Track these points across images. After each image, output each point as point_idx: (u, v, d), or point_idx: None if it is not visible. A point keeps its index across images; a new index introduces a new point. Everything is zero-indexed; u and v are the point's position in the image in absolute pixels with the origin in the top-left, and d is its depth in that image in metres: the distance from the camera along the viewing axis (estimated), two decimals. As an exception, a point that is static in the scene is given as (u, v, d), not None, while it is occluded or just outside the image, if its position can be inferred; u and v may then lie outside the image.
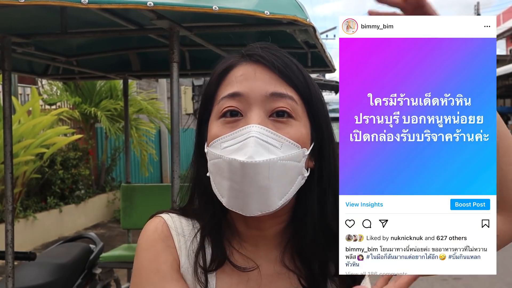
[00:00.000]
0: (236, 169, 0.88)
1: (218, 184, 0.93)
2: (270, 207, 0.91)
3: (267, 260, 1.01)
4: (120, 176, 10.67)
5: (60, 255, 3.44)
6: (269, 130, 0.91)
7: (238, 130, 0.91)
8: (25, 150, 6.73)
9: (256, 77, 0.95)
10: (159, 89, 13.25)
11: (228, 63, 1.00)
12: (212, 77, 1.02)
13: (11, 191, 2.56)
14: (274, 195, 0.91)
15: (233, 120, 0.94)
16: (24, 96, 8.80)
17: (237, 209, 0.92)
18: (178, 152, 2.35)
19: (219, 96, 0.97)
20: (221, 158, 0.91)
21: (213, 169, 0.94)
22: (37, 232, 7.32)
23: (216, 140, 0.93)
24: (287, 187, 0.93)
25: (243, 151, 0.88)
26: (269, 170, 0.88)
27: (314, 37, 2.48)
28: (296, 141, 0.93)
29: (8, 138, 2.58)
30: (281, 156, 0.90)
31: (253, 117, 0.92)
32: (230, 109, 0.94)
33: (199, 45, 3.14)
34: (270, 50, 0.99)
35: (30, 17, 2.60)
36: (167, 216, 1.03)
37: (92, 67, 3.91)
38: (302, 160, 0.94)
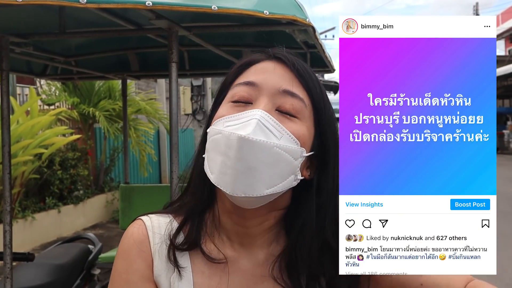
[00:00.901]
0: (232, 143, 0.89)
1: (211, 161, 0.94)
2: (255, 191, 0.91)
3: (251, 259, 1.01)
4: (119, 176, 10.66)
5: (59, 255, 3.43)
6: (272, 118, 0.93)
7: (244, 112, 0.94)
8: (23, 151, 6.72)
9: (274, 72, 0.98)
10: (158, 89, 13.24)
11: (251, 58, 1.03)
12: (233, 68, 1.05)
13: (9, 192, 2.55)
14: (262, 180, 0.90)
15: (242, 105, 0.97)
16: (22, 96, 8.79)
17: (223, 186, 0.91)
18: (177, 152, 2.35)
19: (234, 83, 1.01)
20: (221, 133, 0.92)
21: (210, 146, 0.95)
22: (35, 233, 7.31)
23: (220, 119, 0.96)
24: (277, 179, 0.92)
25: (244, 129, 0.90)
26: (263, 153, 0.89)
27: (313, 37, 2.48)
28: (297, 138, 0.94)
29: (6, 138, 2.57)
30: (278, 143, 0.91)
31: (260, 105, 0.95)
32: (241, 95, 0.97)
33: (198, 45, 3.13)
34: (294, 57, 1.02)
35: (28, 17, 2.60)
36: (146, 217, 1.05)
37: (91, 67, 3.90)
38: (298, 159, 0.94)
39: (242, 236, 1.01)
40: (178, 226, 1.02)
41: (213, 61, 3.80)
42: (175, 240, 1.01)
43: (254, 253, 1.02)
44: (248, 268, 1.01)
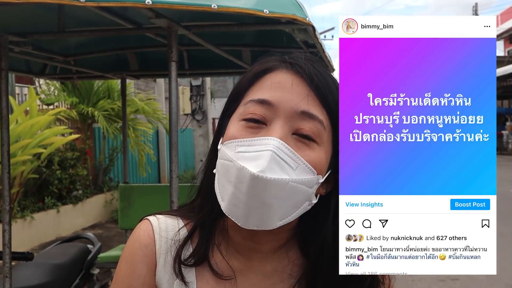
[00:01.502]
0: (244, 179, 0.84)
1: (222, 187, 0.90)
2: (268, 225, 0.88)
3: (260, 274, 0.99)
4: (118, 176, 10.65)
5: (58, 255, 3.43)
6: (289, 148, 0.87)
7: (257, 139, 0.88)
8: (22, 150, 6.71)
9: (291, 89, 0.91)
10: (157, 89, 13.24)
11: (267, 65, 0.96)
12: (247, 74, 0.98)
13: (8, 191, 2.55)
14: (276, 214, 0.88)
15: (256, 126, 0.90)
16: (21, 96, 8.78)
17: (234, 218, 0.88)
18: (177, 152, 2.35)
19: (248, 96, 0.94)
20: (232, 162, 0.87)
21: (221, 169, 0.91)
22: (34, 232, 7.31)
23: (232, 141, 0.90)
24: (291, 210, 0.89)
25: (257, 163, 0.84)
26: (277, 189, 0.85)
27: (313, 36, 2.47)
28: (314, 167, 0.89)
29: (5, 137, 2.57)
30: (293, 179, 0.86)
31: (276, 130, 0.88)
32: (255, 116, 0.91)
33: (198, 45, 3.13)
34: (313, 64, 0.95)
35: (27, 16, 2.59)
36: (153, 218, 1.02)
37: (90, 66, 3.90)
38: (314, 187, 0.91)
39: (252, 251, 0.98)
40: (186, 237, 0.99)
41: (213, 61, 3.80)
42: (181, 251, 0.97)
43: (262, 266, 0.99)
44: (256, 281, 0.98)
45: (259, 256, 0.98)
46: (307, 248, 0.98)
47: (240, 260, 0.98)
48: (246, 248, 0.98)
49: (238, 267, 0.98)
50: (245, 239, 0.96)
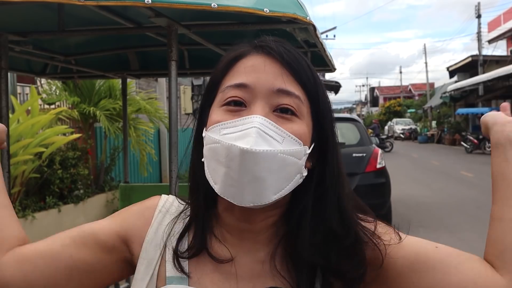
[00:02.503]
0: (235, 156, 0.87)
1: (213, 170, 0.92)
2: (264, 199, 0.90)
3: (252, 255, 1.00)
4: (119, 176, 10.65)
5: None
6: (272, 123, 0.90)
7: (241, 119, 0.91)
8: (24, 150, 6.71)
9: (265, 70, 0.94)
10: (159, 88, 13.24)
11: (238, 52, 0.99)
12: (221, 63, 1.00)
13: (8, 191, 2.54)
14: (269, 188, 0.90)
15: (236, 109, 0.93)
16: (23, 96, 8.78)
17: (230, 197, 0.90)
18: (177, 152, 2.34)
19: (224, 84, 0.97)
20: (219, 143, 0.90)
21: (209, 154, 0.93)
22: (36, 232, 7.30)
23: (216, 125, 0.93)
24: (284, 183, 0.91)
25: (244, 140, 0.87)
26: (268, 162, 0.87)
27: (314, 35, 2.46)
28: (299, 138, 0.92)
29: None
30: (281, 150, 0.89)
31: (257, 109, 0.91)
32: (234, 99, 0.94)
33: (198, 44, 3.12)
34: (282, 44, 0.98)
35: (27, 15, 2.59)
36: (165, 195, 1.11)
37: (91, 66, 3.89)
38: (302, 158, 0.93)
39: (244, 231, 0.99)
40: (182, 230, 1.02)
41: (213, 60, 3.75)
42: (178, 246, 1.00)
43: (254, 250, 1.00)
44: (246, 262, 0.99)
45: (251, 236, 1.00)
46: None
47: (233, 242, 1.00)
48: (239, 230, 0.99)
49: (230, 249, 1.00)
50: (238, 220, 0.98)
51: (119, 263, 1.04)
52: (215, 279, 0.98)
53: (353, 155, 8.17)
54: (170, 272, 0.99)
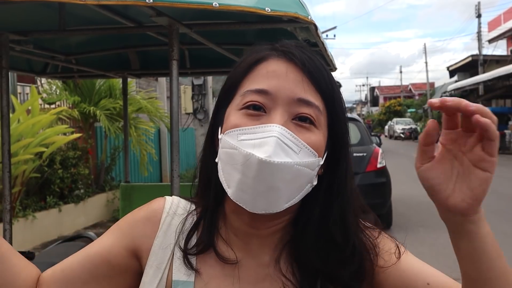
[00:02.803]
0: (252, 165, 0.87)
1: (228, 174, 0.92)
2: (275, 208, 0.91)
3: (257, 259, 1.00)
4: (120, 175, 10.65)
5: (59, 254, 3.41)
6: (291, 133, 0.90)
7: (260, 126, 0.90)
8: (24, 149, 6.71)
9: (287, 77, 0.93)
10: (159, 88, 13.24)
11: (260, 55, 0.98)
12: (241, 64, 1.00)
13: (9, 190, 2.54)
14: (282, 197, 0.90)
15: (256, 114, 0.93)
16: (23, 95, 8.78)
17: (242, 203, 0.91)
18: (178, 151, 2.34)
19: (244, 87, 0.96)
20: (236, 149, 0.90)
21: (225, 158, 0.93)
22: (36, 232, 7.31)
23: (233, 130, 0.92)
24: (296, 192, 0.92)
25: (263, 149, 0.87)
26: (284, 173, 0.88)
27: (315, 35, 2.46)
28: (315, 149, 0.93)
29: (6, 136, 2.56)
30: (297, 162, 0.89)
31: (277, 117, 0.91)
32: (254, 103, 0.93)
33: (199, 44, 3.11)
34: (303, 50, 0.98)
35: (28, 14, 2.58)
36: (169, 197, 1.10)
37: (91, 65, 3.88)
38: (315, 169, 0.94)
39: (250, 235, 1.00)
40: (191, 227, 1.03)
41: (214, 60, 3.78)
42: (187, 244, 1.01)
43: (259, 253, 1.00)
44: (251, 266, 1.00)
45: (257, 241, 1.00)
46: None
47: (239, 245, 1.01)
48: (245, 233, 1.00)
49: (236, 252, 1.00)
50: (244, 224, 0.99)
51: (135, 276, 1.04)
52: (220, 284, 0.99)
53: (353, 155, 8.12)
54: (176, 276, 0.99)
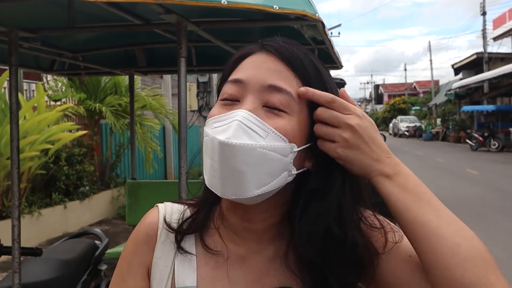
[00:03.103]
0: (215, 147, 0.90)
1: (205, 162, 0.96)
2: (245, 193, 0.90)
3: (258, 254, 1.01)
4: (125, 172, 10.68)
5: (66, 251, 3.44)
6: (256, 118, 0.91)
7: (228, 113, 0.93)
8: (30, 146, 6.74)
9: (261, 66, 0.96)
10: (164, 85, 13.26)
11: (245, 51, 1.02)
12: (229, 62, 1.04)
13: (17, 186, 2.55)
14: (250, 182, 0.89)
15: (230, 103, 0.96)
16: (29, 92, 8.81)
17: (214, 189, 0.93)
18: (185, 148, 2.34)
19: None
20: (207, 136, 0.93)
21: (204, 147, 0.96)
22: (42, 228, 7.34)
23: (210, 119, 0.96)
24: (267, 178, 0.90)
25: (225, 132, 0.89)
26: (246, 155, 0.88)
27: (322, 32, 2.47)
28: (284, 134, 0.91)
29: (15, 133, 2.58)
30: (261, 144, 0.89)
31: (246, 103, 0.94)
32: (229, 93, 0.97)
33: (206, 41, 3.12)
34: (287, 43, 1.00)
35: (37, 12, 2.60)
36: (162, 204, 1.10)
37: (98, 62, 3.90)
38: (289, 156, 0.92)
39: (247, 231, 1.01)
40: (189, 216, 1.05)
41: (221, 57, 3.79)
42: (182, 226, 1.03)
43: (261, 249, 1.01)
44: (253, 263, 1.01)
45: (255, 237, 1.01)
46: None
47: (238, 242, 1.02)
48: (242, 229, 1.01)
49: (236, 249, 1.02)
50: (239, 218, 1.00)
51: None
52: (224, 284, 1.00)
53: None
54: (180, 282, 1.00)
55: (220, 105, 0.98)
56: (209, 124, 0.96)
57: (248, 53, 1.00)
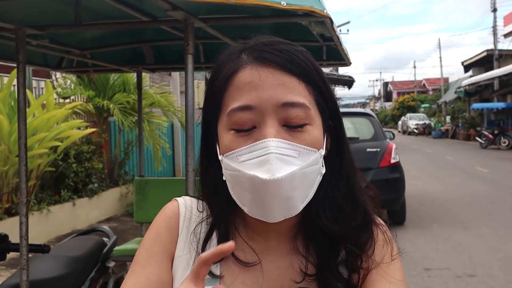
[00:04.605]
0: (259, 185, 0.89)
1: (238, 194, 0.94)
2: (293, 212, 0.93)
3: (278, 253, 1.02)
4: (133, 170, 10.71)
5: (74, 248, 3.44)
6: (286, 142, 0.91)
7: (255, 144, 0.91)
8: (39, 143, 6.77)
9: (264, 85, 0.92)
10: (172, 82, 13.27)
11: (232, 67, 0.96)
12: (217, 78, 0.98)
13: (25, 183, 2.56)
14: (297, 201, 0.92)
15: (247, 133, 0.93)
16: (38, 90, 8.85)
17: (260, 217, 0.93)
18: (193, 145, 2.34)
19: (227, 104, 0.95)
20: (240, 172, 0.91)
21: (231, 179, 0.94)
22: (50, 225, 7.38)
23: (231, 152, 0.93)
24: (308, 190, 0.94)
25: (264, 168, 0.88)
26: (291, 182, 0.90)
27: (330, 29, 2.45)
28: (313, 146, 0.93)
29: (22, 130, 2.58)
30: (301, 166, 0.91)
31: (268, 130, 0.91)
32: (242, 126, 0.93)
33: (213, 38, 3.11)
34: (273, 45, 0.96)
35: (44, 9, 2.60)
36: (181, 199, 1.09)
37: (106, 60, 3.90)
38: (320, 162, 0.95)
39: (269, 231, 1.01)
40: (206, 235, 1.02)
41: (228, 54, 3.78)
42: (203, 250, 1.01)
43: (279, 247, 1.02)
44: (274, 260, 1.01)
45: (276, 236, 1.02)
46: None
47: (259, 241, 1.02)
48: (264, 230, 1.01)
49: (257, 249, 1.02)
50: (263, 222, 0.99)
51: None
52: (246, 279, 1.00)
53: (367, 150, 8.13)
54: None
55: (234, 136, 0.93)
56: (232, 158, 0.92)
57: (238, 68, 0.95)
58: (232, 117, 0.93)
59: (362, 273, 1.00)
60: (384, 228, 1.06)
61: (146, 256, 1.03)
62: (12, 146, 6.46)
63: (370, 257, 1.00)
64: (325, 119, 0.99)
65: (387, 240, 1.04)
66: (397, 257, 1.03)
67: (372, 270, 1.00)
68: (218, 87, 0.98)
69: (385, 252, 1.02)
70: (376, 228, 1.04)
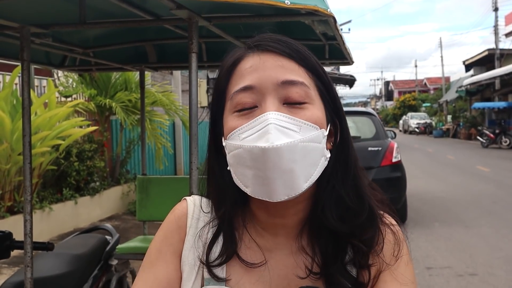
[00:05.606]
0: (258, 156, 0.89)
1: (241, 175, 0.94)
2: (296, 190, 0.92)
3: (286, 250, 1.02)
4: (135, 168, 10.72)
5: (77, 246, 3.45)
6: (286, 115, 0.92)
7: (255, 119, 0.93)
8: (41, 142, 6.78)
9: (265, 67, 0.96)
10: (173, 81, 13.27)
11: (235, 56, 1.01)
12: (221, 72, 1.03)
13: (29, 181, 2.57)
14: (299, 177, 0.91)
15: (249, 112, 0.95)
16: (40, 88, 8.86)
17: (263, 196, 0.92)
18: (197, 144, 2.35)
19: (230, 91, 0.99)
20: (241, 148, 0.92)
21: (234, 161, 0.95)
22: (53, 223, 7.39)
23: (233, 132, 0.95)
24: (311, 169, 0.93)
25: (264, 138, 0.89)
26: (291, 153, 0.89)
27: (334, 28, 2.45)
28: (314, 122, 0.94)
29: (26, 128, 2.59)
30: (300, 139, 0.91)
31: (268, 106, 0.93)
32: (244, 104, 0.96)
33: (216, 37, 3.12)
34: (274, 37, 1.00)
35: (49, 8, 2.61)
36: (191, 198, 1.11)
37: (109, 58, 3.91)
38: (322, 141, 0.95)
39: (278, 227, 1.02)
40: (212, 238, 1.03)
41: (231, 53, 3.78)
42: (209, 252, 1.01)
43: (287, 244, 1.02)
44: (282, 257, 1.02)
45: (285, 232, 1.02)
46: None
47: (267, 238, 1.03)
48: (272, 226, 1.02)
49: (265, 246, 1.02)
50: (272, 216, 1.01)
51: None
52: (252, 279, 1.01)
53: (368, 149, 8.14)
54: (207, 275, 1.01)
55: (237, 117, 0.96)
56: (234, 137, 0.94)
57: (239, 58, 1.00)
58: (234, 99, 0.97)
59: (373, 273, 0.99)
60: (395, 228, 1.05)
61: (155, 255, 1.05)
62: (14, 144, 6.47)
63: (378, 255, 1.00)
64: (327, 107, 1.00)
65: (398, 240, 1.03)
66: (408, 258, 1.03)
67: (384, 271, 0.99)
68: (221, 78, 1.02)
69: (396, 252, 1.01)
70: (386, 227, 1.03)
